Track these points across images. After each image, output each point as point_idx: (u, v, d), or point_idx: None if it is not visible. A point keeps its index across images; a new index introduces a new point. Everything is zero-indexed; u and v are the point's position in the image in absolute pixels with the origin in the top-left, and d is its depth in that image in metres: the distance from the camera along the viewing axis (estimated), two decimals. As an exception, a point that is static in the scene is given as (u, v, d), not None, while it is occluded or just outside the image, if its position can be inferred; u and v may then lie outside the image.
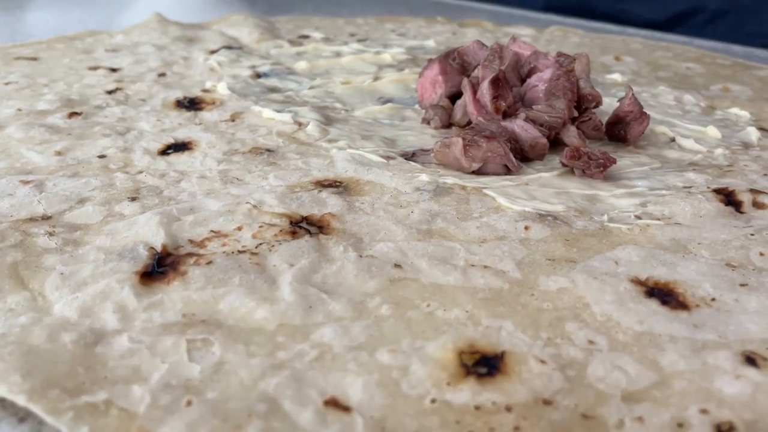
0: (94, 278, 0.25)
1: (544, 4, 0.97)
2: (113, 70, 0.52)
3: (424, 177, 0.34)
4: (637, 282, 0.26)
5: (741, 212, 0.31)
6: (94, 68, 0.53)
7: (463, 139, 0.34)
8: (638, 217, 0.31)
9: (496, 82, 0.37)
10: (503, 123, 0.38)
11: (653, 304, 0.24)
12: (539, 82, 0.38)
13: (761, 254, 0.28)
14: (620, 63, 0.63)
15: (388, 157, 0.37)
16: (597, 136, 0.40)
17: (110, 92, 0.47)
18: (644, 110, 0.40)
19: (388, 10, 0.93)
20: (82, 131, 0.39)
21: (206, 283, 0.24)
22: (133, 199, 0.31)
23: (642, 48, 0.69)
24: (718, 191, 0.33)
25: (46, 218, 0.29)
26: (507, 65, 0.39)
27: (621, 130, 0.40)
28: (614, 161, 0.35)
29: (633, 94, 0.39)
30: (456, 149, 0.35)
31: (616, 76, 0.56)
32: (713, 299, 0.25)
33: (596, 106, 0.40)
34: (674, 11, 0.88)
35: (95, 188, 0.32)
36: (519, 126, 0.37)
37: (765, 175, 0.36)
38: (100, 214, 0.30)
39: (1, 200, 0.30)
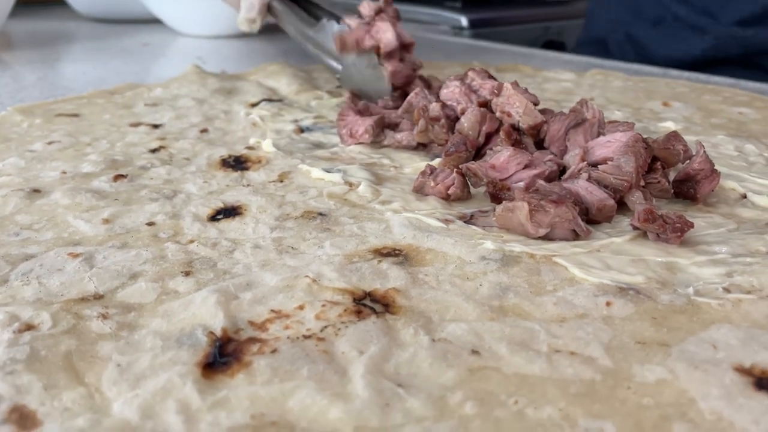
0: (154, 371, 0.23)
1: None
2: (155, 126, 0.52)
3: (488, 244, 0.32)
4: (742, 371, 0.23)
5: (838, 282, 0.29)
6: (136, 125, 0.52)
7: (529, 203, 0.33)
8: (727, 290, 0.28)
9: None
10: (565, 185, 0.36)
11: (766, 399, 0.22)
12: (613, 140, 0.36)
13: None
14: (669, 109, 0.61)
15: (446, 221, 0.35)
16: (664, 196, 0.38)
17: (154, 151, 0.46)
18: (715, 167, 0.38)
19: (422, 54, 0.92)
20: (128, 195, 0.38)
21: (273, 376, 0.23)
22: (187, 274, 0.30)
23: (689, 91, 0.68)
24: (808, 258, 0.31)
25: (98, 297, 0.28)
26: (575, 122, 0.37)
27: (690, 189, 0.37)
28: (692, 225, 0.32)
29: (704, 152, 0.37)
30: (521, 214, 0.33)
31: (669, 124, 0.54)
32: (831, 392, 0.22)
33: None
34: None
35: (146, 261, 0.31)
36: (583, 188, 0.35)
37: None
38: (154, 292, 0.28)
39: (51, 277, 0.29)
